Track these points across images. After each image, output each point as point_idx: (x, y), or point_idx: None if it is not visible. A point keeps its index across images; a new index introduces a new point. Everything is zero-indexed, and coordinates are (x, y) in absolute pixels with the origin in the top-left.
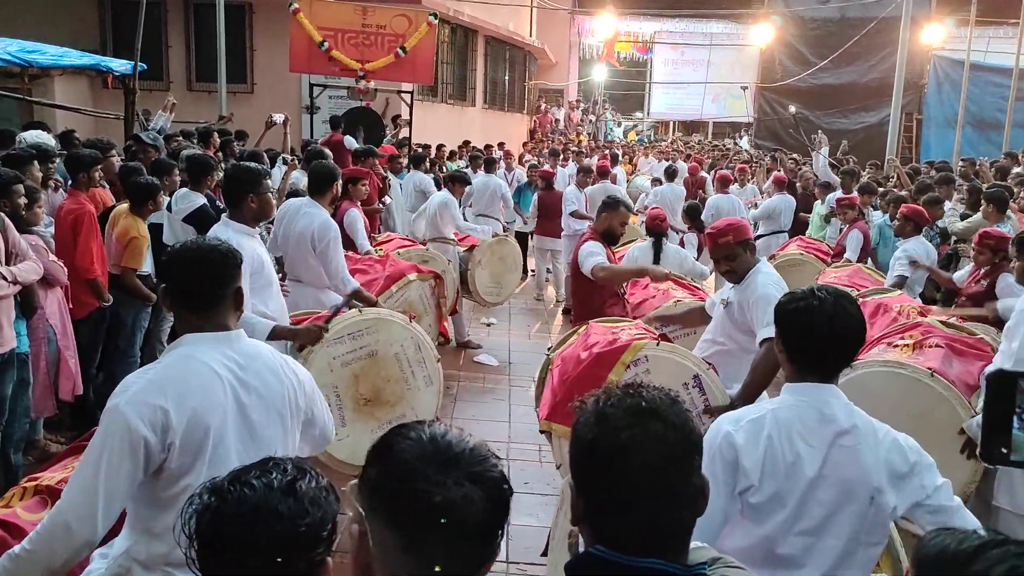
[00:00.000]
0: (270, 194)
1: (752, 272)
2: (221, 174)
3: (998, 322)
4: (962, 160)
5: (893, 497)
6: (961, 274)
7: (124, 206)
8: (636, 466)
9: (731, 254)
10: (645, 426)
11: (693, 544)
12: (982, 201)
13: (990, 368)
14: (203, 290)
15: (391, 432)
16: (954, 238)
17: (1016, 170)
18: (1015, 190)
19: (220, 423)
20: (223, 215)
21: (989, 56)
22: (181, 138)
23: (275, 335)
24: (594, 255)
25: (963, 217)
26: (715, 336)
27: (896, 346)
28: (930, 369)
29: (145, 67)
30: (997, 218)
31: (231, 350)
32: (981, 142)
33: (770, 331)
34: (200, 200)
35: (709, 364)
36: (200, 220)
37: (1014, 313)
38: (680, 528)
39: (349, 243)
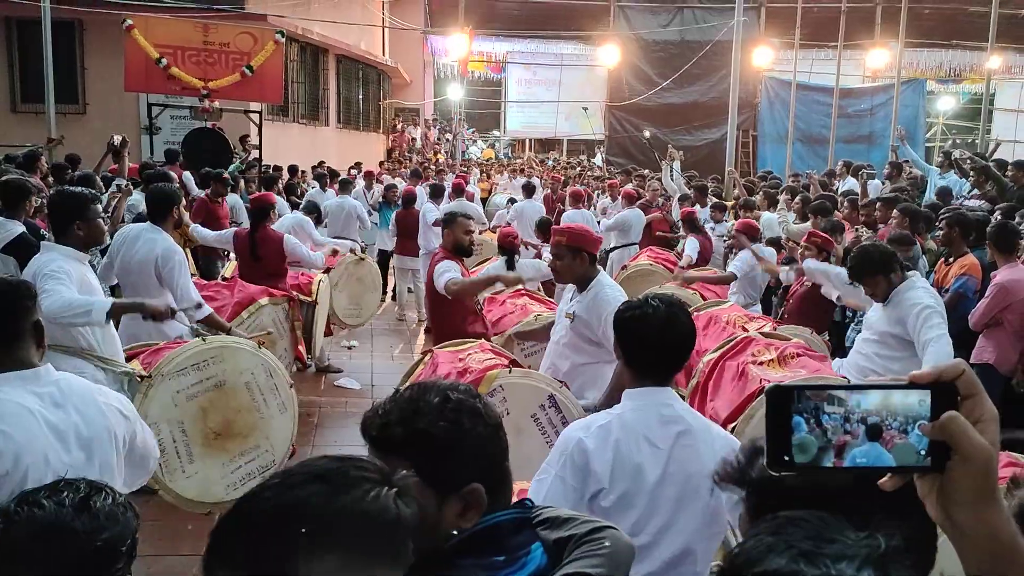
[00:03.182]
0: (100, 219)
1: (596, 283)
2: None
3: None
4: (792, 174)
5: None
6: (787, 272)
7: None
8: None
9: (558, 254)
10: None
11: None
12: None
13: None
14: None
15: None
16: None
17: (844, 186)
18: (839, 199)
19: (39, 462)
20: (47, 240)
21: (813, 76)
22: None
23: (116, 311)
24: (447, 272)
25: None
26: (562, 348)
27: (762, 363)
28: (845, 378)
29: None
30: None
31: (40, 387)
32: (810, 156)
33: None
34: (18, 228)
35: (561, 382)
36: (19, 250)
37: (916, 309)
38: None
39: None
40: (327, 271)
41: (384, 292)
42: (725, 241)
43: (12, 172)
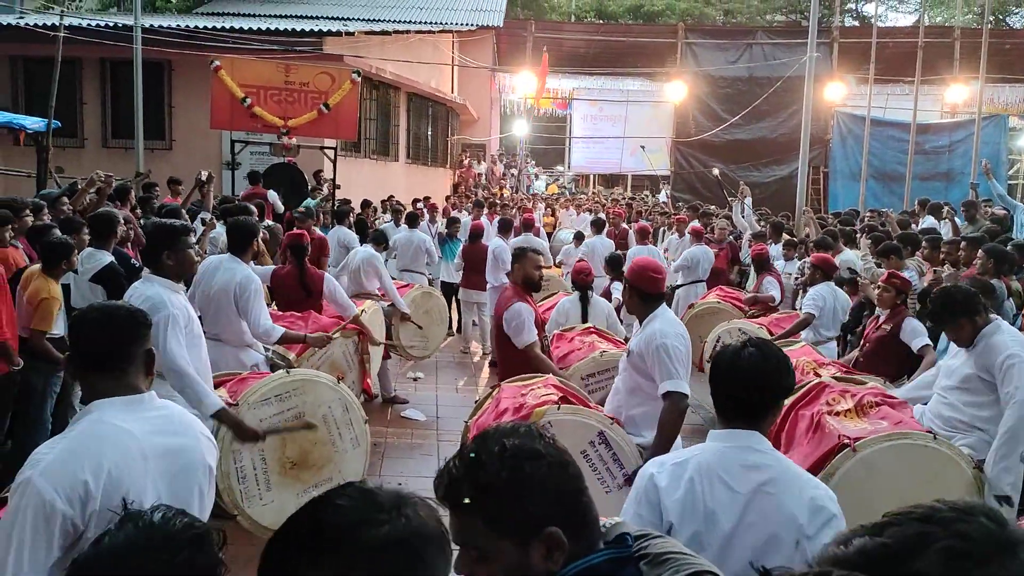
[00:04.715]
0: (190, 251)
1: (651, 318)
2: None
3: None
4: (870, 211)
5: (816, 544)
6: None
7: (36, 267)
8: None
9: (628, 289)
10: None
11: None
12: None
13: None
14: (110, 352)
15: None
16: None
17: (924, 223)
18: (920, 239)
19: (139, 489)
20: (143, 271)
21: (888, 112)
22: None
23: (219, 417)
24: (527, 329)
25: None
26: (621, 385)
27: (838, 413)
28: (929, 432)
29: (59, 124)
30: (895, 266)
31: (145, 413)
32: (885, 194)
33: (671, 384)
34: (107, 258)
35: (612, 418)
36: (107, 279)
37: (1001, 357)
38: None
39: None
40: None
41: (450, 325)
42: (796, 280)
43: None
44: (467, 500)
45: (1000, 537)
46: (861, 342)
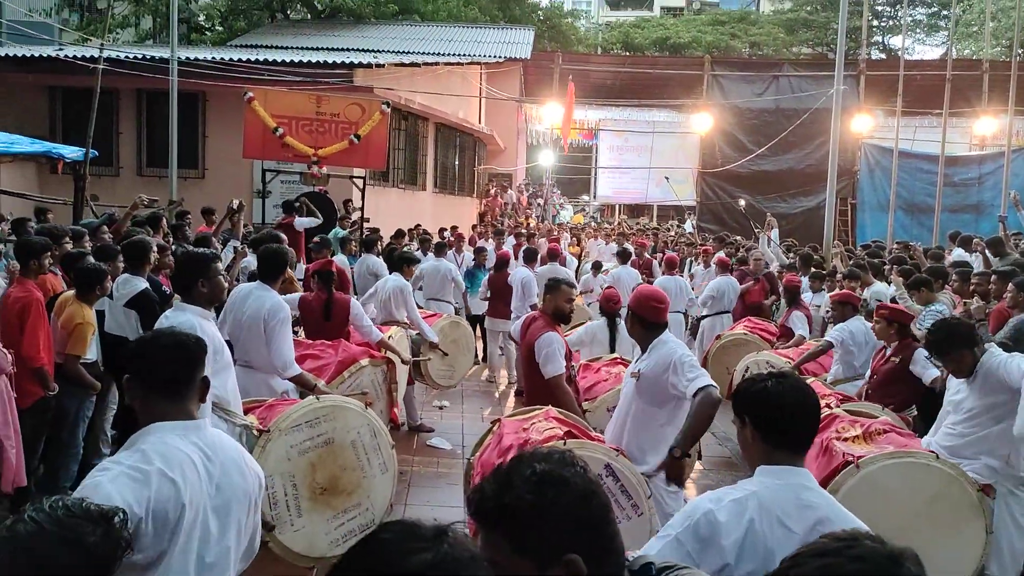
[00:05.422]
0: (221, 277)
1: (659, 341)
2: (168, 256)
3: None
4: (897, 243)
5: None
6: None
7: (70, 292)
8: None
9: (629, 316)
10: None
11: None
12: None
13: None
14: (176, 378)
15: None
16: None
17: (954, 256)
18: (950, 273)
19: (197, 510)
20: (174, 299)
21: (916, 144)
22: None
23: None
24: (555, 360)
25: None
26: (628, 411)
27: (846, 439)
28: (932, 452)
29: (96, 154)
30: (927, 300)
31: (199, 439)
32: (913, 226)
33: (700, 381)
34: (141, 284)
35: (617, 449)
36: (141, 305)
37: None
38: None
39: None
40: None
41: (475, 354)
42: (827, 314)
43: (141, 232)
44: (493, 518)
45: (888, 552)
46: (870, 374)
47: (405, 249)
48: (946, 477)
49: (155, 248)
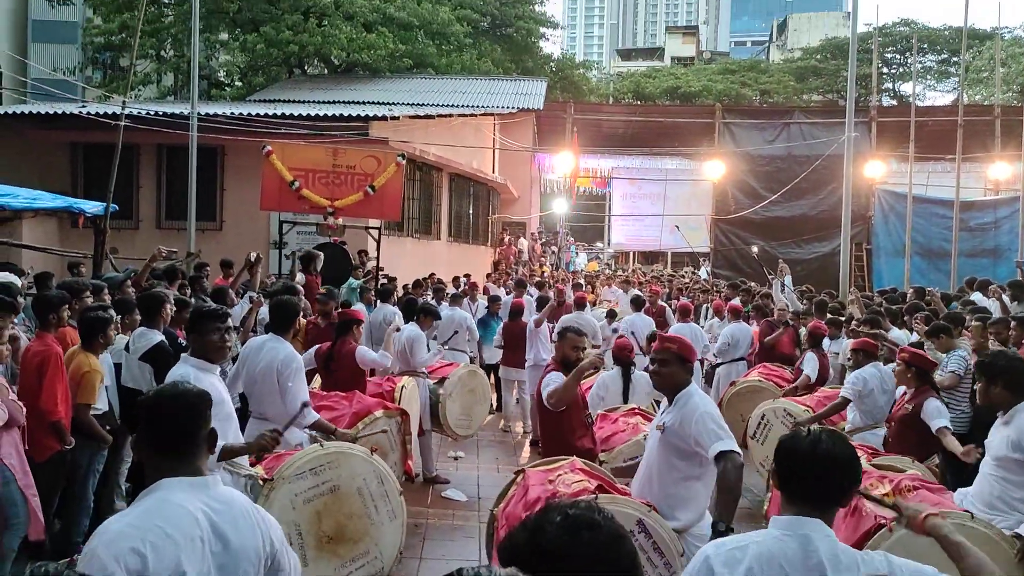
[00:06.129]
0: (214, 336)
1: (685, 394)
2: (187, 312)
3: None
4: (913, 288)
5: None
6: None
7: (77, 346)
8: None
9: (666, 359)
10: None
11: None
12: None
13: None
14: (181, 434)
15: None
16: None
17: (971, 297)
18: (967, 318)
19: (195, 568)
20: (183, 353)
21: (930, 189)
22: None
23: (224, 454)
24: (548, 385)
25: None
26: (653, 464)
27: (875, 497)
28: (967, 512)
29: (116, 208)
30: (947, 346)
31: (207, 495)
32: (931, 271)
33: (723, 444)
34: (156, 337)
35: (649, 505)
36: (156, 358)
37: None
38: None
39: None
40: (441, 381)
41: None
42: (847, 361)
43: (158, 284)
44: (528, 563)
45: None
46: (888, 421)
47: (422, 300)
48: (981, 538)
49: (171, 301)
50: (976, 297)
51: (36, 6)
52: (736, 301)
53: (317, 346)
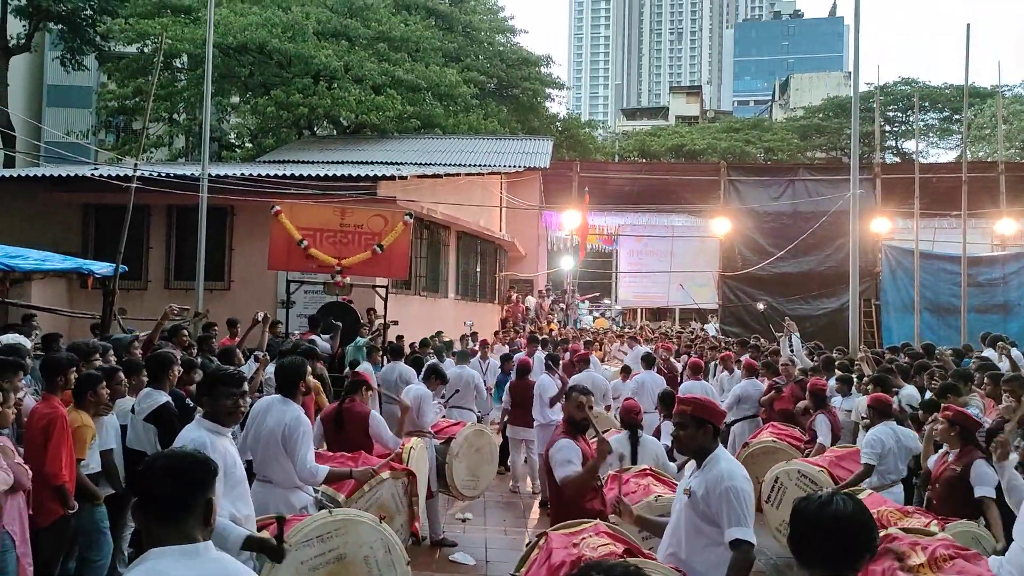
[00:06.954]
0: (228, 400)
1: (712, 459)
2: (195, 373)
3: None
4: (923, 346)
5: None
6: (933, 457)
7: (70, 406)
8: None
9: (682, 421)
10: None
11: None
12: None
13: None
14: (172, 501)
15: None
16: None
17: (984, 353)
18: (976, 375)
19: None
20: (196, 414)
21: (937, 245)
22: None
23: (248, 546)
24: (566, 464)
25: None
26: (680, 529)
27: (911, 569)
28: None
29: (126, 268)
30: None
31: (198, 564)
32: (941, 326)
33: (740, 532)
34: (162, 398)
35: (680, 572)
36: (161, 419)
37: None
38: None
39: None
40: (448, 441)
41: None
42: (861, 419)
43: (165, 345)
44: None
45: None
46: (931, 482)
47: (429, 360)
48: None
49: (179, 362)
50: (989, 353)
51: (52, 71)
52: (748, 357)
53: (322, 414)
